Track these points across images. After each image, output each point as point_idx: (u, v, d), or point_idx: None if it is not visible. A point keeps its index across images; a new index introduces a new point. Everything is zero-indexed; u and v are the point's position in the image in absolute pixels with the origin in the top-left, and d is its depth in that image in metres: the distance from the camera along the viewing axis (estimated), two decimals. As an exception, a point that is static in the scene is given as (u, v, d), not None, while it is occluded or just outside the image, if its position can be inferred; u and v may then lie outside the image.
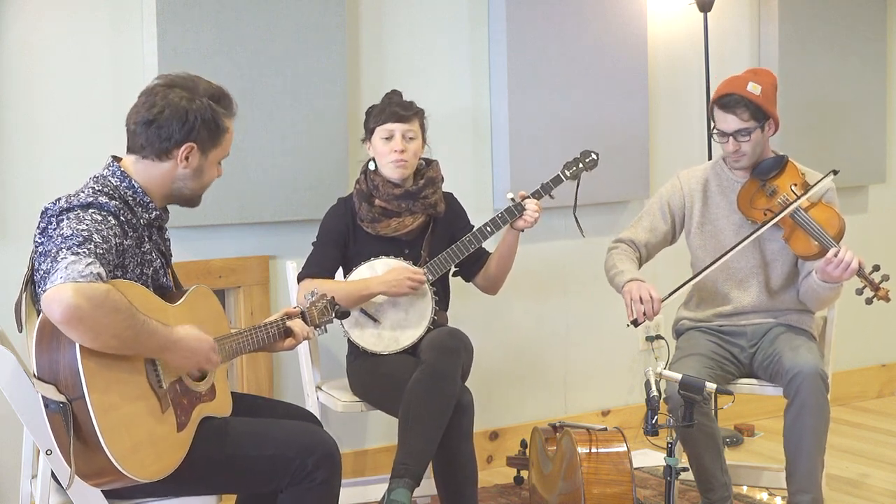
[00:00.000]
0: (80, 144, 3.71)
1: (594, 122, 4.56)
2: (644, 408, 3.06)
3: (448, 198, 3.77)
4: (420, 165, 3.70)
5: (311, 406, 3.72)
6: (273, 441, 2.67)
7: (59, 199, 2.55)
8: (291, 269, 3.77)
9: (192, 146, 2.66)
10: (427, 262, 3.61)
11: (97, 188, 2.59)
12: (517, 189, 3.72)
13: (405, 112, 3.61)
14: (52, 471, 2.50)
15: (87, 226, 2.44)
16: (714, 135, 3.74)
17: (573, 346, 4.74)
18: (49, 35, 3.67)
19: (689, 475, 3.61)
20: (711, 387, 3.10)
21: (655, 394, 3.02)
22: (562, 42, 4.49)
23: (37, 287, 2.53)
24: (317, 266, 3.62)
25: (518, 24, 4.38)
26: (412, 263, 3.60)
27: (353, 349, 3.66)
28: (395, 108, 3.60)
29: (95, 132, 3.72)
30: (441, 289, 3.69)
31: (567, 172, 3.76)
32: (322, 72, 4.01)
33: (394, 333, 3.59)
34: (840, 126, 5.18)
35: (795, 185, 3.70)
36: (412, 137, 3.62)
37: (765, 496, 4.03)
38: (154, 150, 2.65)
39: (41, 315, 2.38)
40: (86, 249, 2.38)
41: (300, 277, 3.63)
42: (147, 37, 3.77)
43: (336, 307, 3.11)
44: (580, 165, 3.78)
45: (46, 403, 2.35)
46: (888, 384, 5.58)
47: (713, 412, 3.66)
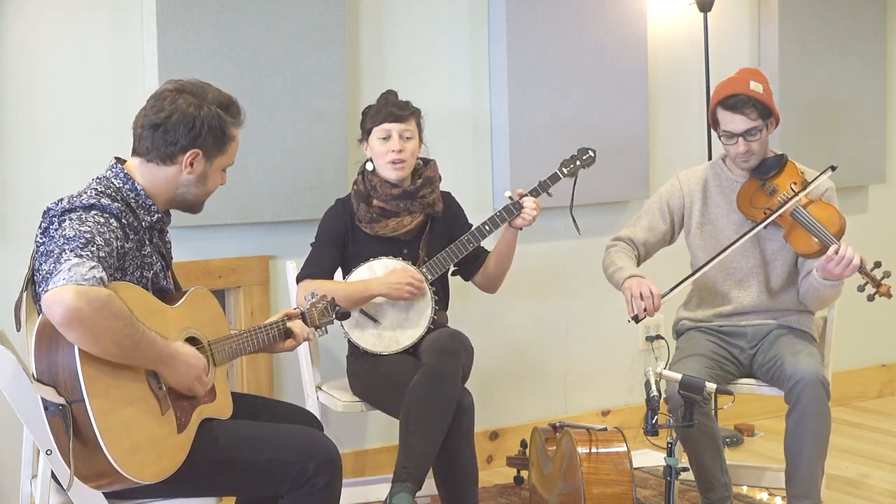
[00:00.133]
0: (80, 144, 3.71)
1: (594, 122, 4.56)
2: (644, 408, 3.06)
3: (446, 197, 3.77)
4: (417, 165, 3.70)
5: (311, 406, 3.72)
6: (274, 445, 2.66)
7: (62, 200, 2.55)
8: (291, 269, 3.77)
9: (198, 153, 2.66)
10: (426, 262, 3.62)
11: (100, 189, 2.59)
12: (516, 189, 3.72)
13: (402, 112, 3.61)
14: (52, 471, 2.50)
15: (90, 228, 2.44)
16: (721, 137, 3.73)
17: (573, 346, 4.74)
18: (49, 35, 3.67)
19: (689, 475, 3.61)
20: (711, 387, 3.10)
21: (655, 394, 3.02)
22: (562, 42, 4.49)
23: (37, 287, 2.53)
24: (316, 267, 3.62)
25: (518, 24, 4.38)
26: (411, 263, 3.60)
27: (354, 349, 3.66)
28: (392, 109, 3.60)
29: (95, 132, 3.72)
30: (440, 288, 3.69)
31: (564, 170, 3.75)
32: (322, 72, 4.01)
33: (394, 334, 3.59)
34: (840, 126, 5.18)
35: (795, 184, 3.70)
36: (409, 137, 3.62)
37: (765, 496, 4.03)
38: (159, 155, 2.65)
39: (41, 317, 2.38)
40: (89, 252, 2.38)
41: (299, 278, 3.63)
42: (147, 37, 3.77)
43: (336, 308, 3.11)
44: (577, 163, 3.78)
45: (46, 406, 2.35)
46: (888, 384, 5.58)
47: (713, 412, 3.66)
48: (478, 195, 4.41)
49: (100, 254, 2.40)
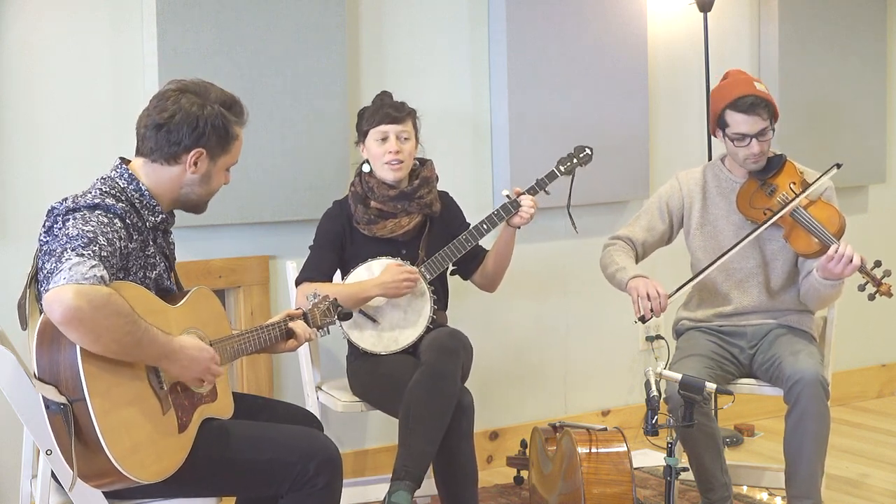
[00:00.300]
0: (80, 144, 3.71)
1: (594, 122, 4.56)
2: (644, 408, 3.06)
3: (444, 197, 3.77)
4: (415, 165, 3.70)
5: (311, 406, 3.72)
6: (275, 445, 2.66)
7: (66, 199, 2.55)
8: (291, 269, 3.77)
9: (202, 152, 2.66)
10: (424, 262, 3.62)
11: (104, 189, 2.59)
12: (515, 188, 3.72)
13: (398, 113, 3.61)
14: (53, 471, 2.50)
15: (93, 227, 2.44)
16: (729, 140, 3.71)
17: (573, 346, 4.74)
18: (49, 35, 3.67)
19: (689, 475, 3.61)
20: (711, 387, 3.10)
21: (655, 394, 3.02)
22: (562, 42, 4.49)
23: (40, 286, 2.53)
24: (314, 269, 3.62)
25: (518, 24, 4.38)
26: (410, 264, 3.60)
27: (353, 350, 3.66)
28: (388, 110, 3.60)
29: (95, 132, 3.72)
30: (439, 288, 3.69)
31: (561, 168, 3.76)
32: (322, 72, 4.01)
33: (393, 333, 3.59)
34: (840, 126, 5.18)
35: (794, 184, 3.70)
36: (406, 138, 3.62)
37: (765, 496, 4.03)
38: (163, 154, 2.65)
39: (42, 316, 2.38)
40: (90, 251, 2.38)
41: (298, 281, 3.63)
42: (147, 37, 3.77)
43: (339, 308, 3.11)
44: (574, 161, 3.78)
45: (47, 405, 2.35)
46: (888, 384, 5.58)
47: (713, 412, 3.66)
48: (478, 195, 4.41)
49: (102, 253, 2.40)
